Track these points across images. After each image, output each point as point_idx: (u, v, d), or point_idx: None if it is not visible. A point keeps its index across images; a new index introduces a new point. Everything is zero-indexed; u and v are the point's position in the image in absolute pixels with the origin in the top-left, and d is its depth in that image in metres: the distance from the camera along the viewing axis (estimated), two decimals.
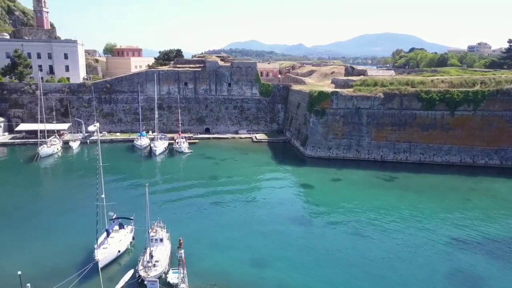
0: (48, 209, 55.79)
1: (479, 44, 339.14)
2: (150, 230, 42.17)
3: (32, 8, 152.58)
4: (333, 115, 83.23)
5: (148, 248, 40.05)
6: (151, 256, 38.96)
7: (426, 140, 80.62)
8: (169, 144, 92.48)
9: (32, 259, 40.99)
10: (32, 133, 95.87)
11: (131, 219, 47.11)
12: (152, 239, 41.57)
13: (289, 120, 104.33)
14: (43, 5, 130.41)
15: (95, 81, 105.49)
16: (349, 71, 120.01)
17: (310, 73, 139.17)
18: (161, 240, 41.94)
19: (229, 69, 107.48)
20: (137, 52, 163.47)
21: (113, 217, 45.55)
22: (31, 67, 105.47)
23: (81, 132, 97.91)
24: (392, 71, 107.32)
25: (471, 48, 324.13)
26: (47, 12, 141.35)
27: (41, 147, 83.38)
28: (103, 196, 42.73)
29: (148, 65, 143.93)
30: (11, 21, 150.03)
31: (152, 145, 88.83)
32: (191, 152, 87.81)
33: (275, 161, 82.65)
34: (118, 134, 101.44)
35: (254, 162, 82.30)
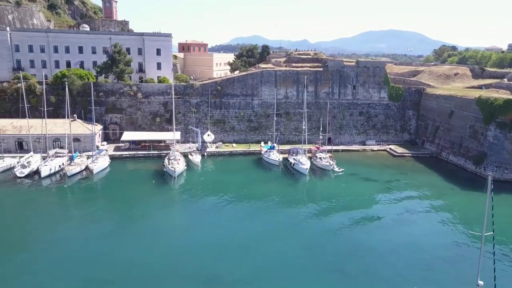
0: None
1: None
2: None
3: None
4: None
5: None
6: None
7: None
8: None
9: None
10: (138, 144, 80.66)
11: None
12: None
13: (429, 129, 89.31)
14: None
15: (203, 82, 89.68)
16: (477, 73, 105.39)
17: (413, 74, 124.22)
18: None
19: (355, 70, 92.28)
20: (203, 47, 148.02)
21: None
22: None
23: (195, 142, 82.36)
24: None
25: (511, 47, 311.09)
26: (116, 2, 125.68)
27: (171, 164, 67.08)
28: None
29: (229, 63, 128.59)
30: (70, 11, 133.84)
31: (293, 160, 73.57)
32: (342, 171, 72.58)
33: (454, 185, 67.24)
34: (234, 145, 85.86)
35: (429, 186, 66.94)
